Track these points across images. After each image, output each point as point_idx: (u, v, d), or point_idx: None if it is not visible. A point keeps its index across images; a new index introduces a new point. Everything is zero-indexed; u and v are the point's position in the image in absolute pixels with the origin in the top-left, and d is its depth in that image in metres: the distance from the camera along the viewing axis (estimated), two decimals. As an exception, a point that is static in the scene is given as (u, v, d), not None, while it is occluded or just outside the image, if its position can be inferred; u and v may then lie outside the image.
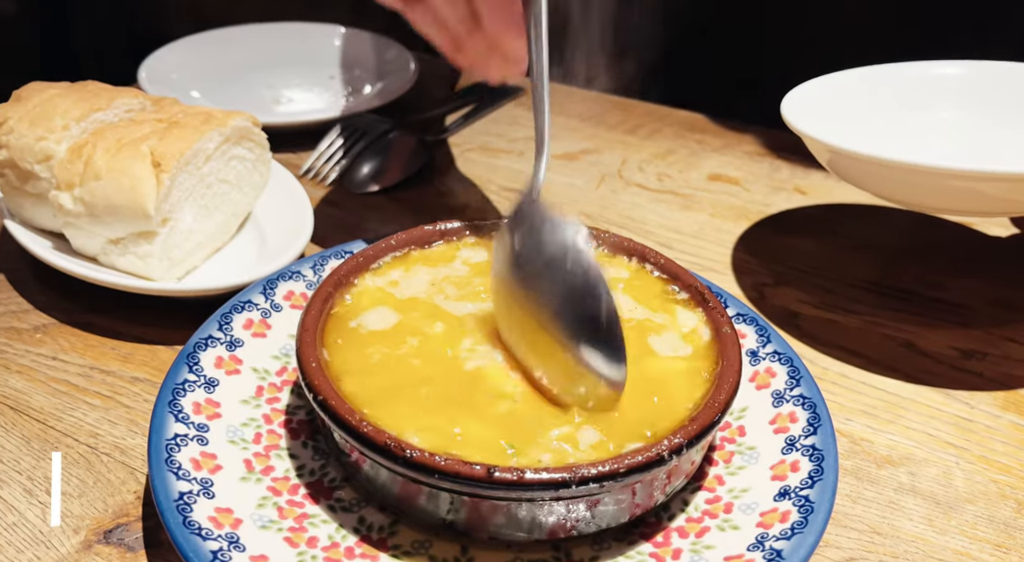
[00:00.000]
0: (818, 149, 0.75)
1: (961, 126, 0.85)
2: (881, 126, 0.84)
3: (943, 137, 0.85)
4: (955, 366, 0.72)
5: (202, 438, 0.56)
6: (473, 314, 0.61)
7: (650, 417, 0.54)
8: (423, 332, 0.59)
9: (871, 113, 0.85)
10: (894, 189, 0.73)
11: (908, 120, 0.86)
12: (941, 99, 0.86)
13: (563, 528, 0.52)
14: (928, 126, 0.85)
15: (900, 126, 0.85)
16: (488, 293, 0.62)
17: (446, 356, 0.57)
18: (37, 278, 0.76)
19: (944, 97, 0.86)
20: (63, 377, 0.67)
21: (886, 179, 0.71)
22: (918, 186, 0.69)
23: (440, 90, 1.16)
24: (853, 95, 0.85)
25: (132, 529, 0.56)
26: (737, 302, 0.68)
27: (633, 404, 0.55)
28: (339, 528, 0.53)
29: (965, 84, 0.86)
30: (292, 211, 0.80)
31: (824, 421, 0.58)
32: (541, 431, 0.52)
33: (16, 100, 0.75)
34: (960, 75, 0.87)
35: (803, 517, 0.52)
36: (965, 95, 0.86)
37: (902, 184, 0.71)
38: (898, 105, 0.86)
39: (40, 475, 0.59)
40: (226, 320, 0.64)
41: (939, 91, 0.86)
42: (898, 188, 0.72)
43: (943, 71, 0.88)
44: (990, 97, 0.85)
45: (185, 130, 0.72)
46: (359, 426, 0.50)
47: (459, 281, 0.64)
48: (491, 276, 0.60)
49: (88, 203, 0.70)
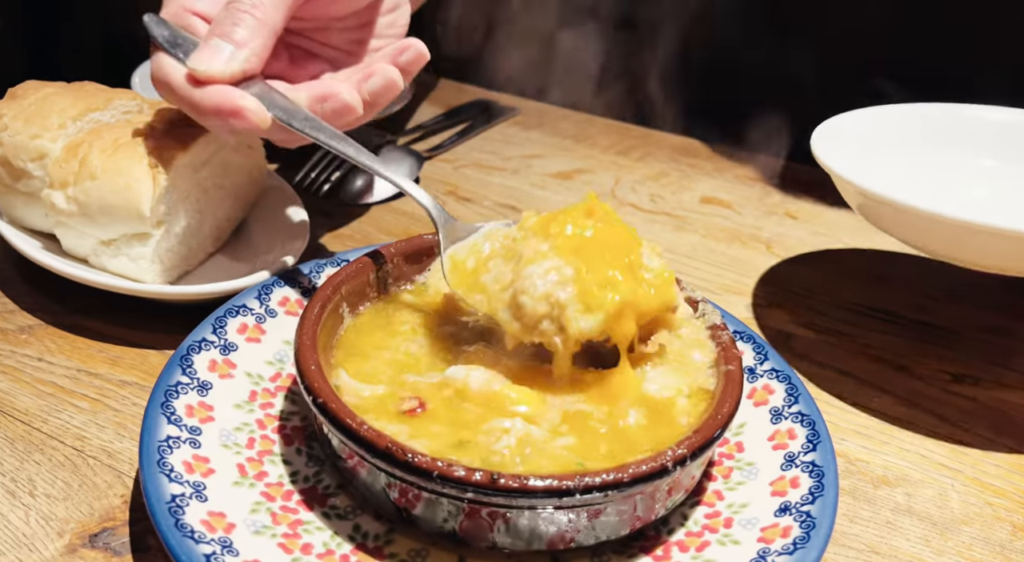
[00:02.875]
0: (848, 191, 0.71)
1: (1000, 174, 0.81)
2: (915, 169, 0.80)
3: (982, 186, 0.81)
4: (947, 390, 0.73)
5: (195, 441, 0.55)
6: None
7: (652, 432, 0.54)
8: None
9: (904, 154, 0.81)
10: (930, 241, 0.68)
11: (945, 164, 0.81)
12: (979, 144, 0.82)
13: (563, 539, 0.51)
14: (966, 173, 0.81)
15: (937, 171, 0.81)
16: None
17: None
18: (24, 278, 0.75)
19: (981, 143, 0.82)
20: (49, 379, 0.66)
21: (922, 230, 0.67)
22: (957, 241, 0.65)
23: (435, 107, 1.17)
24: (885, 133, 0.81)
25: (118, 533, 0.54)
26: (734, 320, 0.68)
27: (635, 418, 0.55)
28: (334, 535, 0.52)
29: (1005, 130, 0.82)
30: (288, 218, 0.80)
31: (823, 438, 0.58)
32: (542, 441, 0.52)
33: (11, 97, 0.74)
34: (1001, 121, 0.83)
35: (805, 533, 0.52)
36: (1004, 142, 0.82)
37: (941, 237, 0.66)
38: (934, 147, 0.82)
39: (23, 477, 0.58)
40: (220, 324, 0.63)
41: (977, 137, 0.82)
42: (936, 241, 0.68)
43: (981, 115, 0.83)
44: None
45: (183, 134, 0.71)
46: (359, 429, 0.49)
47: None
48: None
49: (82, 202, 0.69)
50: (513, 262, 0.57)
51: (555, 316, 0.54)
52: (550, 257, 0.55)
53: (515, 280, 0.56)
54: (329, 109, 0.64)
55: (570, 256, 0.55)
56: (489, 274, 0.58)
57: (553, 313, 0.54)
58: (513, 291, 0.56)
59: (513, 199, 0.98)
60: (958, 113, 0.85)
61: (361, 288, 0.63)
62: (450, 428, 0.53)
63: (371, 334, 0.61)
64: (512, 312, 0.56)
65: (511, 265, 0.57)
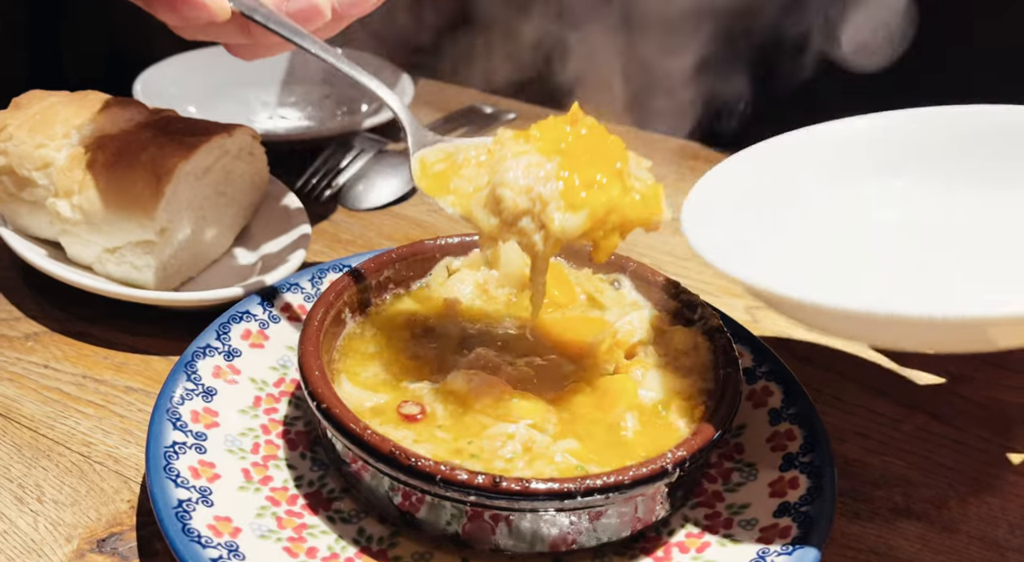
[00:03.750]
0: (736, 283, 0.54)
1: (913, 195, 0.66)
2: (805, 220, 0.65)
3: (888, 207, 0.66)
4: (945, 389, 0.73)
5: (200, 447, 0.56)
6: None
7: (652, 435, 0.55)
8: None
9: (790, 201, 0.65)
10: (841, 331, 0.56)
11: (837, 193, 0.67)
12: (874, 165, 0.67)
13: (565, 541, 0.51)
14: (872, 193, 0.67)
15: (831, 203, 0.66)
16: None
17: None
18: (30, 286, 0.76)
19: (873, 161, 0.67)
20: (55, 385, 0.66)
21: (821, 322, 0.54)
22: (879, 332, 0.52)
23: (431, 112, 1.17)
24: (762, 181, 0.66)
25: (126, 538, 0.55)
26: (733, 322, 0.69)
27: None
28: (339, 539, 0.52)
29: (887, 137, 0.68)
30: (290, 225, 0.80)
31: (821, 439, 0.59)
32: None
33: (16, 107, 0.75)
34: (882, 127, 0.68)
35: (803, 532, 0.52)
36: (884, 147, 0.67)
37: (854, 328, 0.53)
38: (825, 183, 0.67)
39: (31, 483, 0.58)
40: (224, 330, 0.64)
41: (866, 155, 0.67)
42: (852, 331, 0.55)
43: (859, 126, 0.68)
44: (932, 151, 0.67)
45: (186, 141, 0.72)
46: (363, 434, 0.50)
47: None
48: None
49: (86, 211, 0.69)
50: (489, 167, 0.54)
51: (536, 213, 0.51)
52: (532, 155, 0.52)
53: (493, 178, 0.52)
54: (295, 8, 0.60)
55: (554, 155, 0.52)
56: (462, 179, 0.55)
57: (534, 209, 0.51)
58: (491, 186, 0.52)
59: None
60: (825, 133, 0.69)
61: (363, 293, 0.63)
62: (452, 433, 0.54)
63: (373, 339, 0.62)
64: (490, 208, 0.52)
65: (486, 169, 0.54)
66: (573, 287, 0.67)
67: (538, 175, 0.51)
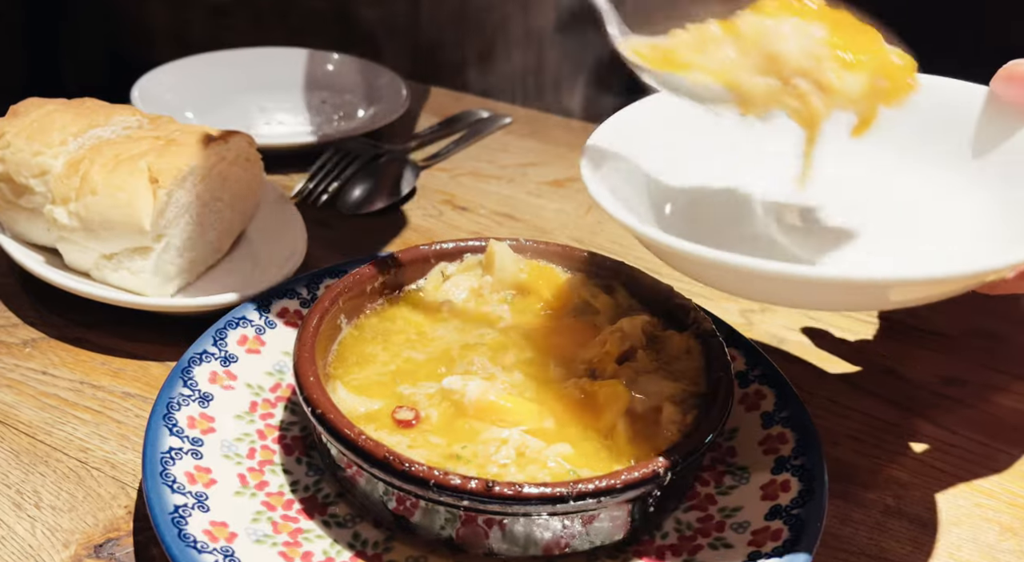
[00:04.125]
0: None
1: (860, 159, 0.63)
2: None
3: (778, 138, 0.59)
4: (937, 392, 0.74)
5: (196, 452, 0.56)
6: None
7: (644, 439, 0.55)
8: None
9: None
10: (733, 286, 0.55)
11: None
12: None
13: (558, 544, 0.52)
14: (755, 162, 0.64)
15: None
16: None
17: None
18: (27, 292, 0.76)
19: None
20: (53, 391, 0.67)
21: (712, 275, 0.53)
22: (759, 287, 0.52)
23: (430, 116, 1.18)
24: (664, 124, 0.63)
25: (123, 544, 0.55)
26: (726, 325, 0.69)
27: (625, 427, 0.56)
28: (334, 543, 0.53)
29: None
30: (286, 230, 0.81)
31: (813, 442, 0.59)
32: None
33: (13, 115, 0.75)
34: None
35: (794, 535, 0.53)
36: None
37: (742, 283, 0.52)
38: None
39: (29, 489, 0.59)
40: (221, 336, 0.64)
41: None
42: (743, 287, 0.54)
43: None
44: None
45: (183, 148, 0.73)
46: (357, 440, 0.50)
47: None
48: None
49: (83, 218, 0.70)
50: (735, 40, 0.52)
51: (814, 72, 0.50)
52: (796, 20, 0.51)
53: (760, 42, 0.51)
54: None
55: (820, 21, 0.51)
56: (698, 54, 0.52)
57: (814, 68, 0.50)
58: (761, 48, 0.50)
59: (509, 207, 0.99)
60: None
61: (359, 299, 0.64)
62: (446, 438, 0.54)
63: (369, 344, 0.62)
64: (761, 67, 0.51)
65: (731, 42, 0.52)
66: (567, 291, 0.67)
67: (813, 36, 0.50)
